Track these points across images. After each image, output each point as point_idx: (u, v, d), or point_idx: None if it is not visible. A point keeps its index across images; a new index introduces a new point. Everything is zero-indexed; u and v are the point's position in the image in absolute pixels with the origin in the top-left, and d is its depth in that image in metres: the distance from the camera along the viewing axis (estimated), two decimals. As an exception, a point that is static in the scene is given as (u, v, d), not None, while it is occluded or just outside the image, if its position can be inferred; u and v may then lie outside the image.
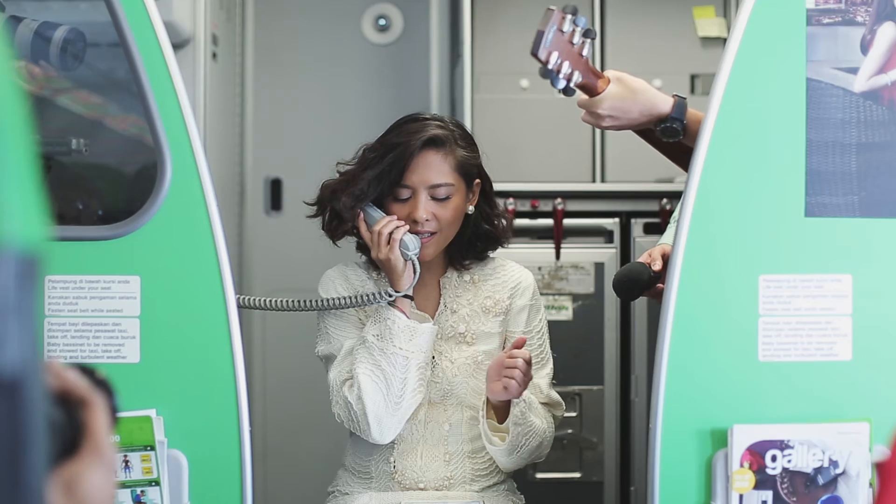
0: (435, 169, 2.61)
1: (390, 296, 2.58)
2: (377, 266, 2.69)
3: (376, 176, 2.60)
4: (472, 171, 2.67)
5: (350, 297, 2.63)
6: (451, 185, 2.62)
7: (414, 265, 2.59)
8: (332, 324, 2.67)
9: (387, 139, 2.64)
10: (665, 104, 2.43)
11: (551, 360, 2.76)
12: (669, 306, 2.26)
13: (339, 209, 2.63)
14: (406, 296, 2.60)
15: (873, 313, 2.30)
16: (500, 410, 2.60)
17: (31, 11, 2.65)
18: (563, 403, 2.77)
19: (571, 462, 4.02)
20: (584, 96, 2.43)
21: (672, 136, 2.44)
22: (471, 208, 2.69)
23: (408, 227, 2.58)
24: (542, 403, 2.69)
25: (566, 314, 4.03)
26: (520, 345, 2.54)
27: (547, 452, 2.70)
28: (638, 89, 2.42)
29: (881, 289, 2.31)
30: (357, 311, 2.68)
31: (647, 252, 2.87)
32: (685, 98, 2.47)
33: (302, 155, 4.67)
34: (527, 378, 2.51)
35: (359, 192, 2.60)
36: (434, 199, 2.61)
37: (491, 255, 2.79)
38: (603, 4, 4.23)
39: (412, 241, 2.57)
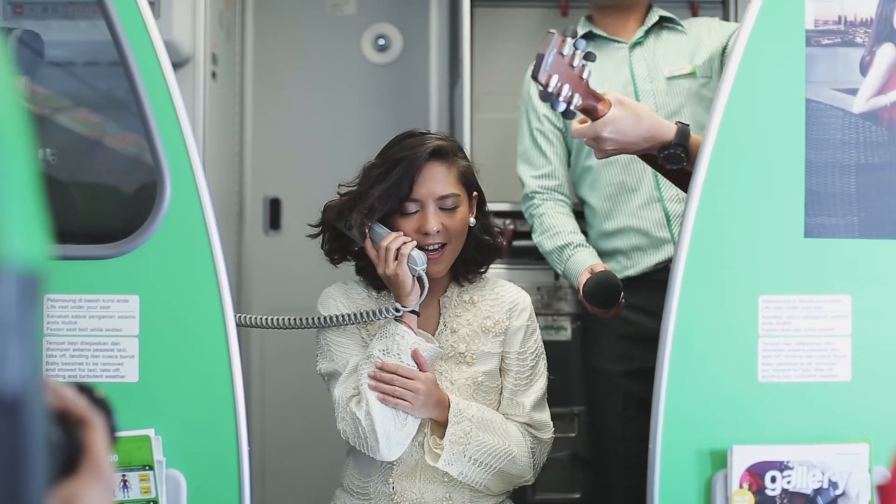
0: (441, 180, 2.62)
1: (398, 311, 2.58)
2: (377, 285, 2.69)
3: (385, 191, 2.59)
4: (472, 182, 2.70)
5: (355, 314, 2.62)
6: (457, 195, 2.63)
7: (422, 280, 2.59)
8: (335, 341, 2.66)
9: (389, 154, 2.65)
10: (668, 131, 2.43)
11: (542, 381, 2.74)
12: (669, 326, 2.26)
13: (344, 229, 2.63)
14: (413, 311, 2.60)
15: (873, 334, 2.30)
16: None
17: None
18: (552, 426, 2.74)
19: (571, 482, 4.01)
20: (579, 126, 2.43)
21: (675, 163, 2.44)
22: (472, 220, 2.70)
23: (415, 242, 2.59)
24: (524, 423, 2.68)
25: (565, 334, 4.03)
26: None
27: (530, 475, 2.68)
28: (641, 115, 2.42)
29: (881, 310, 2.31)
30: (359, 328, 2.67)
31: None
32: (688, 124, 2.47)
33: (301, 174, 4.67)
34: (408, 393, 2.53)
35: (368, 209, 2.60)
36: (442, 210, 2.62)
37: (489, 275, 2.79)
38: (602, 25, 4.24)
39: (420, 257, 2.57)
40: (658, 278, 3.29)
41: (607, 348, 3.36)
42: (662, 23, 3.54)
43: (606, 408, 3.35)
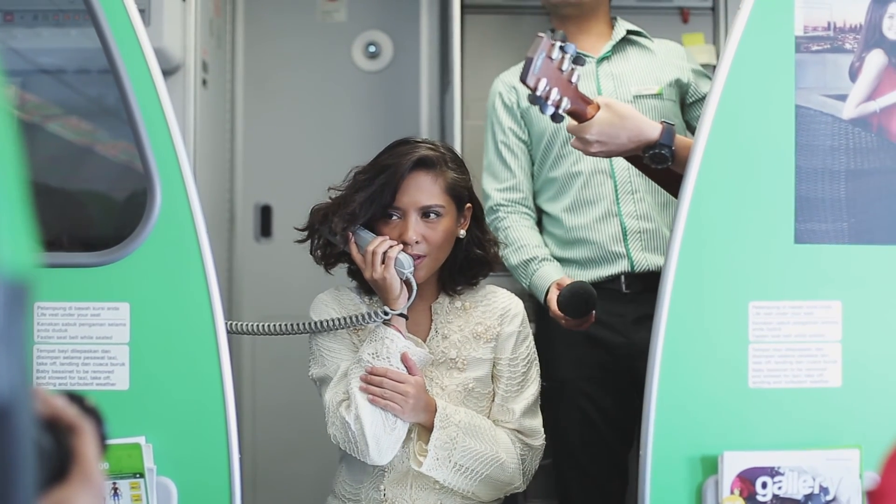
0: (425, 191, 2.61)
1: (386, 314, 2.57)
2: (369, 290, 2.68)
3: (368, 198, 2.59)
4: (462, 194, 2.67)
5: (344, 318, 2.62)
6: (441, 206, 2.62)
7: (409, 284, 2.58)
8: (326, 346, 2.66)
9: (377, 161, 2.65)
10: (653, 130, 2.44)
11: (533, 387, 2.73)
12: (659, 333, 2.26)
13: (328, 234, 2.63)
14: (401, 315, 2.60)
15: (863, 340, 2.30)
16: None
17: (23, 38, 2.66)
18: (543, 432, 2.74)
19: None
20: (574, 122, 2.44)
21: (661, 163, 2.45)
22: (462, 232, 2.69)
23: (402, 246, 2.58)
24: (514, 430, 2.68)
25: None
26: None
27: (520, 482, 2.68)
28: (626, 115, 2.43)
29: (870, 315, 2.31)
30: (350, 333, 2.67)
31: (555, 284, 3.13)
32: (673, 124, 2.48)
33: (292, 181, 4.66)
34: (398, 396, 2.53)
35: (350, 214, 2.60)
36: (424, 221, 2.61)
37: (482, 282, 2.79)
38: (592, 32, 4.24)
39: (407, 260, 2.57)
40: (608, 287, 3.29)
41: (566, 356, 3.35)
42: (629, 37, 3.53)
43: (565, 415, 3.33)
